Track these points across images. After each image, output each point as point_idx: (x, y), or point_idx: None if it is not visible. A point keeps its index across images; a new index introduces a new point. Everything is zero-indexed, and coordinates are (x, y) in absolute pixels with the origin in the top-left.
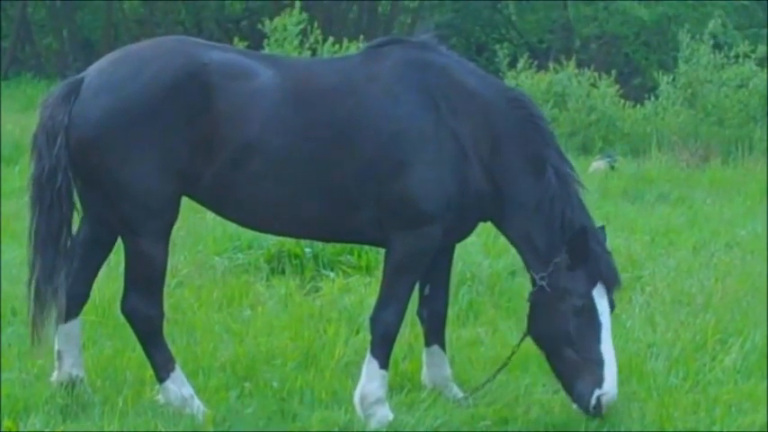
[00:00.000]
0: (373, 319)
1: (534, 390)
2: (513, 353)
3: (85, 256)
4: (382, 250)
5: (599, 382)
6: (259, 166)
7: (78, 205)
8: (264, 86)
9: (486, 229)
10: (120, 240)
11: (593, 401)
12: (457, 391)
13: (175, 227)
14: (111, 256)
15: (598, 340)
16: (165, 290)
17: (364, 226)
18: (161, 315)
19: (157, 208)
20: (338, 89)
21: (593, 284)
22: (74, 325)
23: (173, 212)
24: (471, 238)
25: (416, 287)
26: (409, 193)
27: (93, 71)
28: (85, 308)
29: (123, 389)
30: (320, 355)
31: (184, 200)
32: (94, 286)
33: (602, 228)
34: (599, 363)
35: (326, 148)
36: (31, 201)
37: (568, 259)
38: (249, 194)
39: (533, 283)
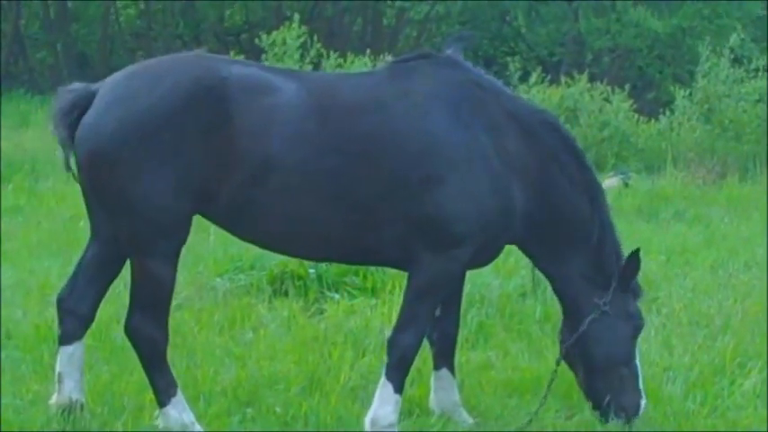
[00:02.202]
0: (391, 342)
1: (546, 415)
2: (552, 379)
3: (93, 275)
4: (388, 271)
5: (640, 392)
6: (279, 182)
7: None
8: (286, 101)
9: None
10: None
11: (641, 412)
12: (466, 417)
13: None
14: None
15: (636, 354)
16: None
17: (387, 246)
18: (165, 338)
19: (169, 227)
20: (364, 104)
21: (637, 302)
22: (77, 347)
23: (184, 232)
24: None
25: None
26: (441, 213)
27: (106, 84)
28: None
29: (122, 415)
30: (325, 380)
31: None
32: None
33: None
34: (638, 376)
35: (351, 162)
36: None
37: (623, 282)
38: (268, 212)
39: (572, 309)
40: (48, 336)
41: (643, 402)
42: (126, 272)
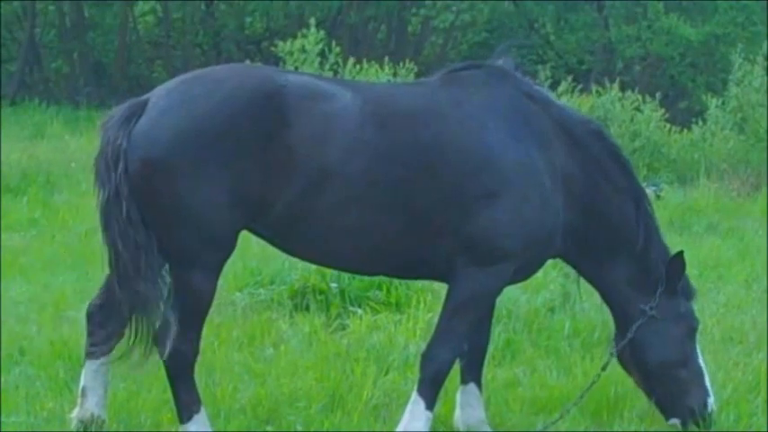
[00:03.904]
0: (426, 356)
1: (577, 430)
2: (592, 382)
3: None
4: (413, 285)
5: (707, 391)
6: (338, 192)
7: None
8: (343, 109)
9: None
10: None
11: (709, 409)
12: None
13: None
14: None
15: (697, 354)
16: None
17: (438, 259)
18: (195, 353)
19: (219, 240)
20: (421, 113)
21: (690, 302)
22: (103, 362)
23: (232, 246)
24: None
25: None
26: (490, 228)
27: (159, 91)
28: None
29: None
30: (347, 397)
31: None
32: None
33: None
34: (702, 374)
35: (410, 172)
36: (102, 232)
37: (669, 285)
38: (322, 224)
39: (621, 316)
40: (62, 352)
41: (710, 400)
42: None
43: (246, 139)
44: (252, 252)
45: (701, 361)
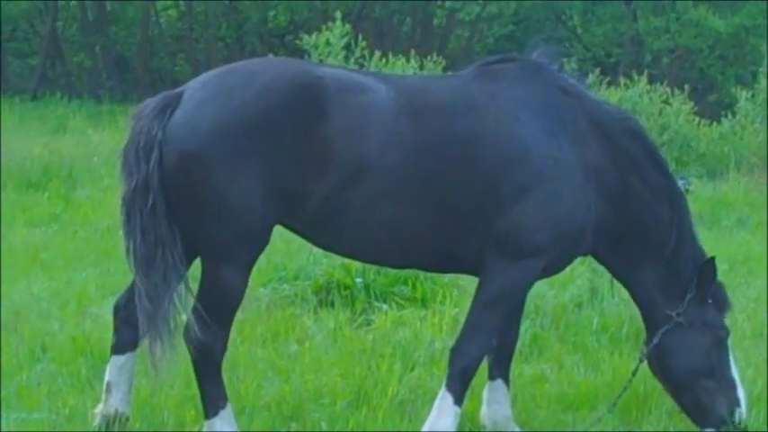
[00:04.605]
0: (455, 351)
1: (605, 429)
2: (624, 388)
3: None
4: (438, 280)
5: (738, 401)
6: (373, 185)
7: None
8: (380, 101)
9: None
10: None
11: (737, 420)
12: None
13: None
14: None
15: (729, 364)
16: None
17: (471, 253)
18: (224, 348)
19: (254, 233)
20: (456, 105)
21: (722, 313)
22: (129, 358)
23: (266, 240)
24: None
25: None
26: (523, 221)
27: (195, 83)
28: None
29: (162, 430)
30: (372, 394)
31: None
32: None
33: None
34: (733, 385)
35: (444, 165)
36: (123, 223)
37: (699, 292)
38: (357, 217)
39: (648, 318)
40: (85, 348)
41: (739, 411)
42: None
43: (284, 130)
44: (276, 247)
45: (733, 372)
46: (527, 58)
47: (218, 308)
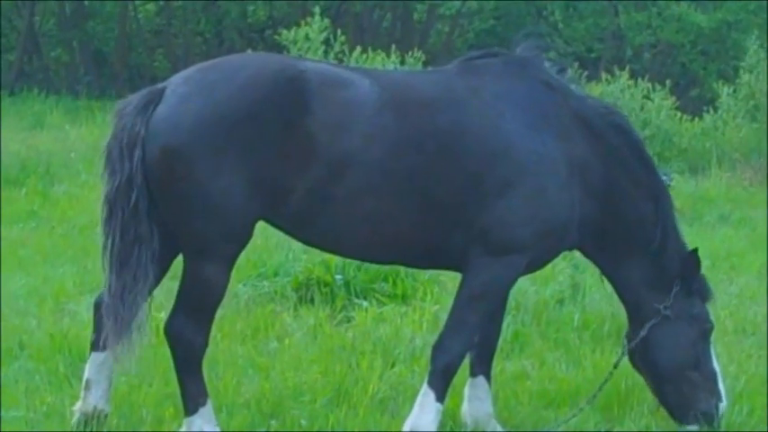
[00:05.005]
0: (437, 348)
1: (585, 426)
2: (605, 380)
3: None
4: (419, 277)
5: (720, 395)
6: (357, 179)
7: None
8: (364, 95)
9: None
10: None
11: (720, 413)
12: (500, 429)
13: None
14: None
15: (711, 357)
16: None
17: (454, 249)
18: (205, 344)
19: (236, 229)
20: (439, 100)
21: (705, 304)
22: (109, 355)
23: (249, 236)
24: None
25: None
26: (507, 217)
27: (177, 79)
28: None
29: (141, 427)
30: (352, 391)
31: None
32: None
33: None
34: (715, 378)
35: (428, 159)
36: (104, 220)
37: (685, 284)
38: (340, 212)
39: (634, 313)
40: (62, 346)
41: (722, 405)
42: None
43: (267, 125)
44: (255, 244)
45: (714, 364)
46: (511, 54)
47: (199, 304)
